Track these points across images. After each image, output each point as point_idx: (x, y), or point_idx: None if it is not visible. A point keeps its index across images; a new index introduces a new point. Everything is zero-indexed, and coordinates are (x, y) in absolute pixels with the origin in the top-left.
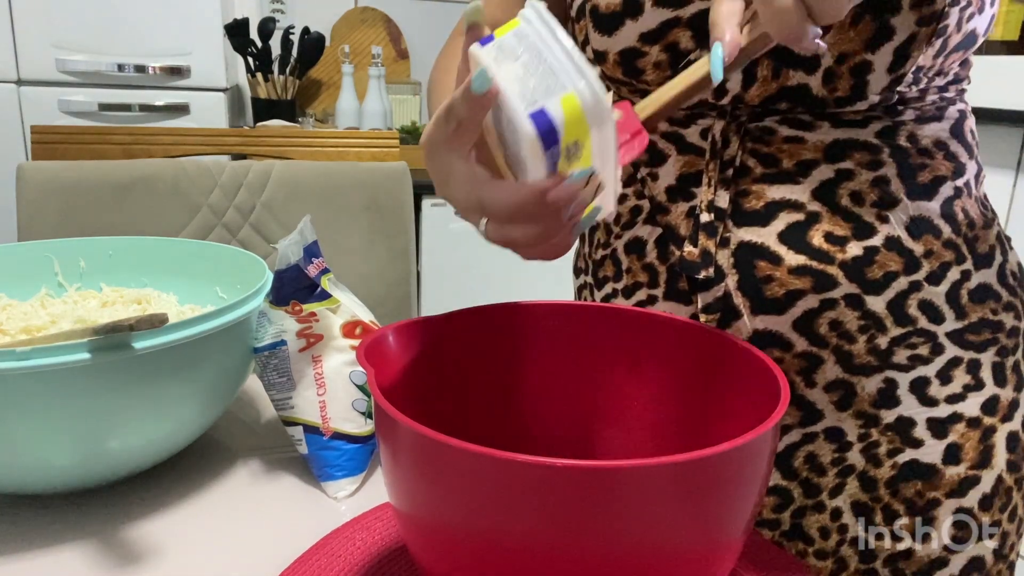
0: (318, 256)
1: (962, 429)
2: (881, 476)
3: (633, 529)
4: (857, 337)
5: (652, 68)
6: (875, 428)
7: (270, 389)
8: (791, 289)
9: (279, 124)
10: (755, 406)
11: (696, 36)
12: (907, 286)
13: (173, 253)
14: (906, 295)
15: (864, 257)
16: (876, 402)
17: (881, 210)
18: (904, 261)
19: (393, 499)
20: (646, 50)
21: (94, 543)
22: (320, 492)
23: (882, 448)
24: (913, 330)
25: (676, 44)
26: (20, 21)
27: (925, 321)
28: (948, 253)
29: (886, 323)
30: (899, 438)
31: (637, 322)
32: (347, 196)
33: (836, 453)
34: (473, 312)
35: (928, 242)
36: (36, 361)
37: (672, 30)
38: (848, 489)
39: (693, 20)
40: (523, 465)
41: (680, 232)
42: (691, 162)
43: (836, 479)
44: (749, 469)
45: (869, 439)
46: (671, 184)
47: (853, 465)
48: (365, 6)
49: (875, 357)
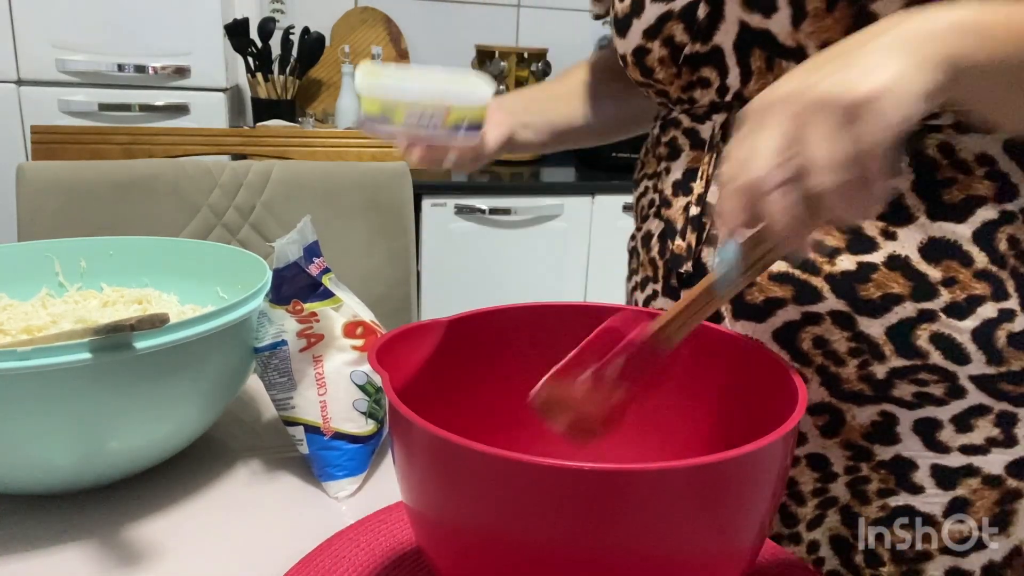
0: (319, 256)
1: (975, 485)
2: (868, 515)
3: (647, 532)
4: (847, 360)
5: (659, 65)
6: (866, 463)
7: (271, 389)
8: (770, 296)
9: (279, 124)
10: (770, 411)
11: (688, 29)
12: (915, 314)
13: (173, 253)
14: (913, 323)
15: (857, 273)
16: (869, 435)
17: (889, 225)
18: (912, 285)
19: (408, 501)
20: (650, 47)
21: (94, 543)
22: (321, 492)
23: (872, 485)
24: (922, 364)
25: (672, 37)
26: (20, 21)
27: (939, 357)
28: (980, 286)
29: (884, 350)
30: (894, 479)
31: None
32: (347, 196)
33: (819, 483)
34: (484, 314)
35: (951, 269)
36: (37, 361)
37: (666, 24)
38: (828, 522)
39: (683, 13)
40: (539, 468)
41: (676, 226)
42: (697, 157)
43: (816, 511)
44: (763, 474)
45: (858, 473)
46: (677, 179)
47: (836, 498)
48: (365, 6)
49: (869, 386)
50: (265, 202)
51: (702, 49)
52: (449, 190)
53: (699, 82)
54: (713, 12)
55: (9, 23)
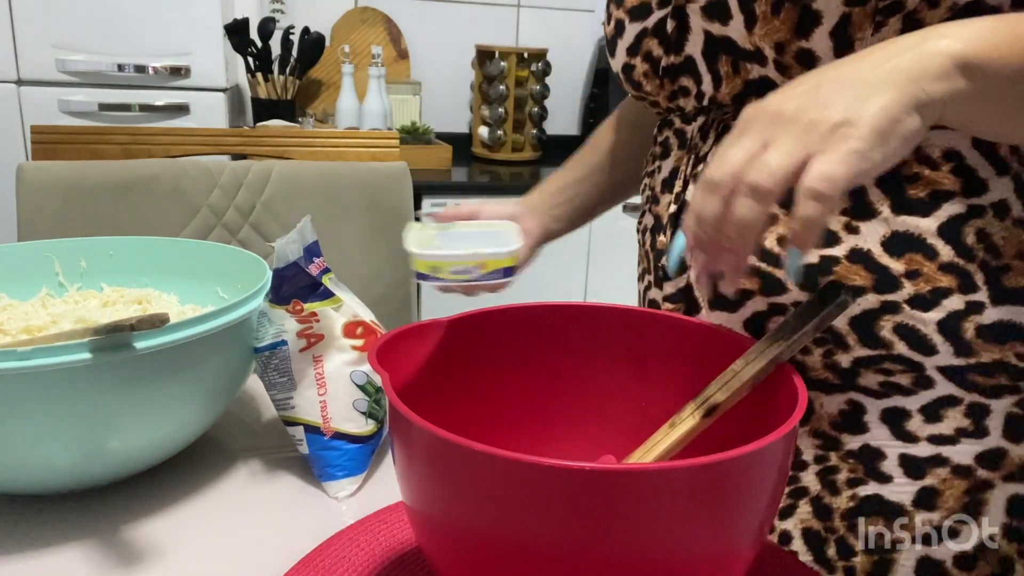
0: (319, 256)
1: (944, 474)
2: (838, 506)
3: (647, 532)
4: (812, 348)
5: (644, 79)
6: (834, 452)
7: (271, 389)
8: (743, 289)
9: (279, 124)
10: (770, 411)
11: (662, 43)
12: (878, 305)
13: (173, 253)
14: (876, 315)
15: (819, 266)
16: (837, 424)
17: (852, 219)
18: (874, 277)
19: (408, 501)
20: (633, 63)
21: (94, 543)
22: (321, 492)
23: (841, 475)
24: (887, 355)
25: (650, 52)
26: (20, 21)
27: (905, 348)
28: (946, 278)
29: (848, 340)
30: (862, 468)
31: (646, 322)
32: (347, 196)
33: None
34: (484, 314)
35: (914, 262)
36: (37, 361)
37: (643, 40)
38: (799, 513)
39: (656, 29)
40: (539, 468)
41: (663, 222)
42: (681, 157)
43: (787, 499)
44: (763, 474)
45: (827, 463)
46: (665, 177)
47: (806, 488)
48: (365, 6)
49: (834, 375)
50: (265, 202)
51: (676, 60)
52: (449, 190)
53: (680, 91)
54: (680, 25)
55: (9, 23)
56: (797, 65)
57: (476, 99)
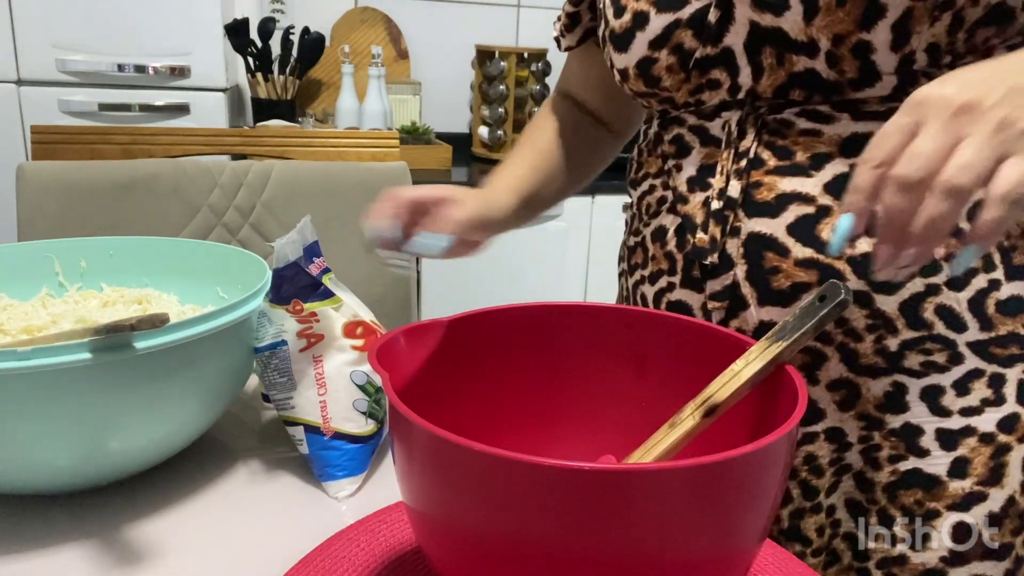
0: (319, 256)
1: (973, 443)
2: (880, 480)
3: (647, 532)
4: (864, 336)
5: (666, 73)
6: (878, 432)
7: (271, 389)
8: (797, 281)
9: (279, 124)
10: (770, 411)
11: (696, 34)
12: (923, 288)
13: (173, 253)
14: (922, 298)
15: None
16: (882, 405)
17: None
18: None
19: (408, 501)
20: (656, 56)
21: (94, 543)
22: (321, 492)
23: (883, 452)
24: (928, 335)
25: (681, 44)
26: (20, 21)
27: (943, 327)
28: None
29: (897, 324)
30: (903, 444)
31: (646, 322)
32: (347, 196)
33: (835, 453)
34: (484, 314)
35: (949, 245)
36: (37, 361)
37: (675, 32)
38: (843, 487)
39: (692, 20)
40: (539, 468)
41: (696, 221)
42: (711, 154)
43: (832, 478)
44: (764, 474)
45: (870, 442)
46: (692, 175)
47: (850, 464)
48: (365, 6)
49: (883, 359)
50: (265, 202)
51: (712, 52)
52: None
53: (708, 84)
54: (723, 16)
55: (9, 23)
56: (851, 57)
57: (476, 99)
